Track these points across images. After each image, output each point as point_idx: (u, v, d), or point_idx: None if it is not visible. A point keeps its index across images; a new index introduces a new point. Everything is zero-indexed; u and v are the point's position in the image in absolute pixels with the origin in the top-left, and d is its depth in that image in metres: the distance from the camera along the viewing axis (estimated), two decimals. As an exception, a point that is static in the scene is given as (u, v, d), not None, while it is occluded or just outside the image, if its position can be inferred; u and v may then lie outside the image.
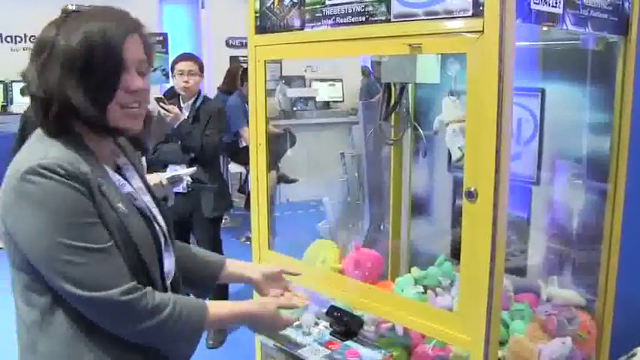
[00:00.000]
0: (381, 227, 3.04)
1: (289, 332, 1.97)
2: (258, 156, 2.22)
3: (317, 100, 8.13)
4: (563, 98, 2.23)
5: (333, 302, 2.07)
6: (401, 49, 1.67)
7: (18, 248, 1.30)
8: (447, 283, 2.30)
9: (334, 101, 8.26)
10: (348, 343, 1.88)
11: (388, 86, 2.36)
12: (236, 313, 1.54)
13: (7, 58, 6.96)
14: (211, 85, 7.26)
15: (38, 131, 1.36)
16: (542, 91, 2.23)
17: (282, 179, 7.12)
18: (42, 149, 1.30)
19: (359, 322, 1.94)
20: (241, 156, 5.90)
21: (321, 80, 8.28)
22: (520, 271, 2.35)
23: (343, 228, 3.19)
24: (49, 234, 1.24)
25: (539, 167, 2.31)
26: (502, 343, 1.99)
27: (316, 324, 2.00)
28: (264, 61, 2.13)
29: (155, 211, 1.49)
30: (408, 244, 2.70)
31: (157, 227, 1.45)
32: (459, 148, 1.76)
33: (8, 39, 7.34)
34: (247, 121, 2.93)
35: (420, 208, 2.67)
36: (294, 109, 7.80)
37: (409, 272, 2.34)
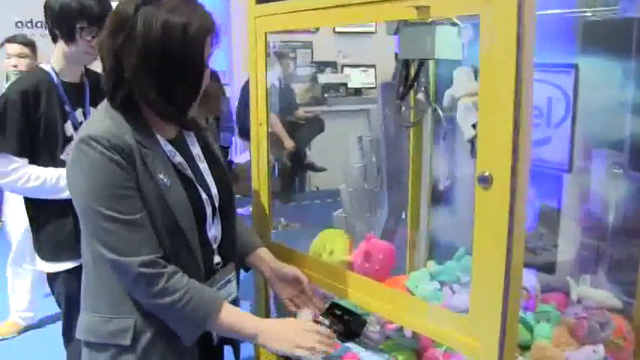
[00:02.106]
0: (402, 217, 2.83)
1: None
2: (260, 137, 2.03)
3: (349, 86, 7.91)
4: (601, 75, 1.99)
5: (337, 299, 1.88)
6: (408, 13, 1.46)
7: None
8: (466, 280, 2.08)
9: (366, 88, 8.03)
10: (349, 344, 1.68)
11: (406, 63, 2.14)
12: (249, 322, 1.54)
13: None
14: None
15: (104, 102, 1.50)
16: (576, 67, 1.98)
17: (311, 167, 6.96)
18: (99, 120, 1.46)
19: (361, 322, 1.74)
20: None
21: (353, 66, 8.04)
22: (548, 268, 2.13)
23: (360, 217, 2.99)
24: (86, 198, 1.42)
25: (572, 153, 2.07)
26: (524, 348, 1.77)
27: (316, 322, 1.80)
28: (265, 34, 1.94)
29: (209, 179, 1.60)
30: (428, 236, 2.48)
31: (205, 196, 1.55)
32: (472, 125, 1.54)
33: (19, 24, 7.15)
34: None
35: (440, 196, 2.45)
36: (325, 95, 7.60)
37: (424, 267, 2.13)
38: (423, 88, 2.22)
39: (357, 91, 7.95)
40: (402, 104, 2.27)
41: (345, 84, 7.87)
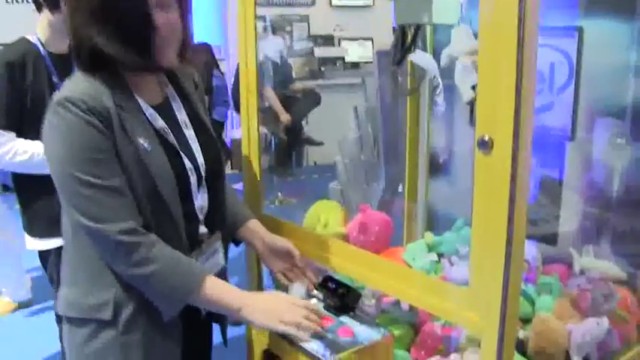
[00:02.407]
0: (399, 188, 2.75)
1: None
2: (249, 104, 1.94)
3: (346, 60, 7.79)
4: (606, 38, 1.89)
5: (331, 272, 1.80)
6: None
7: None
8: (465, 252, 2.01)
9: (364, 62, 7.90)
10: (344, 319, 1.60)
11: (402, 29, 2.04)
12: (233, 295, 1.46)
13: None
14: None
15: None
16: (580, 30, 1.89)
17: (308, 142, 6.88)
18: (75, 83, 1.39)
19: (356, 296, 1.66)
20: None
21: (351, 39, 7.91)
22: (550, 239, 2.05)
23: (356, 189, 2.91)
24: (62, 164, 1.35)
25: (574, 120, 1.98)
26: (526, 321, 1.70)
27: (310, 296, 1.73)
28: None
29: (195, 146, 1.51)
30: (425, 207, 2.41)
31: (189, 164, 1.47)
32: (471, 87, 1.45)
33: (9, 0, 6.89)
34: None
35: (439, 166, 2.37)
36: (322, 69, 7.48)
37: (422, 238, 2.05)
38: (420, 54, 2.12)
39: (355, 65, 7.82)
40: (398, 71, 2.18)
41: (343, 57, 7.74)
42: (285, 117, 6.08)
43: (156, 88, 1.52)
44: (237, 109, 6.01)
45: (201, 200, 1.53)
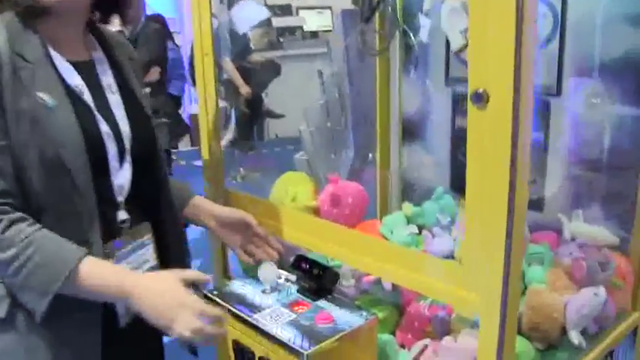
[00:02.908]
0: (369, 157, 2.57)
1: (244, 291, 1.52)
2: (205, 69, 1.72)
3: (304, 29, 7.54)
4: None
5: (303, 251, 1.61)
6: None
7: None
8: (447, 222, 1.84)
9: (323, 30, 7.66)
10: (321, 303, 1.42)
11: (370, -19, 1.85)
12: (112, 281, 1.17)
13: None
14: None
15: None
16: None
17: (269, 114, 6.66)
18: None
19: (333, 276, 1.48)
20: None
21: (309, 8, 7.65)
22: (536, 205, 1.89)
23: (323, 159, 2.72)
24: None
25: (560, 76, 1.82)
26: (516, 295, 1.54)
27: (284, 280, 1.54)
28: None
29: (119, 113, 1.29)
30: (400, 176, 2.23)
31: (107, 129, 1.25)
32: (460, 32, 1.26)
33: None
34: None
35: (412, 131, 2.18)
36: (280, 39, 7.22)
37: (401, 209, 1.87)
38: (390, 10, 1.93)
39: (314, 34, 7.58)
40: (366, 29, 1.98)
41: (301, 27, 7.49)
42: (244, 89, 5.83)
43: (79, 47, 1.32)
44: (195, 83, 5.77)
45: (122, 178, 1.28)
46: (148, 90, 3.44)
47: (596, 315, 1.52)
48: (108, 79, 1.33)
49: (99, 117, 1.24)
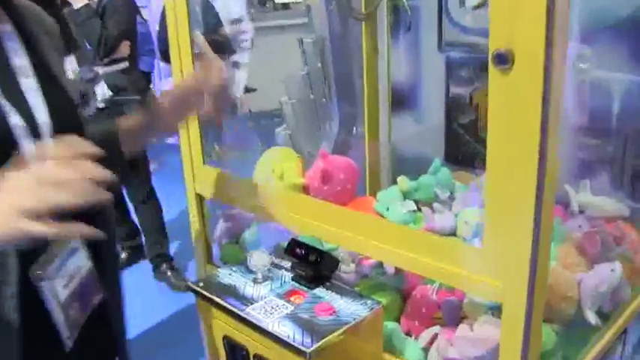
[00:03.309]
0: (354, 129, 2.41)
1: (233, 280, 1.36)
2: (180, 43, 1.55)
3: (275, 1, 7.30)
4: None
5: (294, 235, 1.46)
6: None
7: None
8: (446, 196, 1.71)
9: (294, 2, 7.42)
10: (319, 291, 1.28)
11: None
12: None
13: None
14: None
15: None
16: None
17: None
18: None
19: (332, 262, 1.33)
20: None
21: (279, -22, 7.40)
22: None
23: (307, 133, 2.56)
24: None
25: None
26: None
27: (275, 266, 1.38)
28: None
29: (36, 100, 1.04)
30: (390, 149, 2.08)
31: (19, 121, 0.99)
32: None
33: None
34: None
35: (402, 101, 2.03)
36: (251, 10, 6.96)
37: (395, 184, 1.73)
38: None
39: (285, 6, 7.34)
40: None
41: (271, -1, 7.24)
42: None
43: None
44: (165, 58, 5.52)
45: None
46: (124, 65, 3.23)
47: (611, 292, 1.40)
48: (20, 60, 1.08)
49: (7, 107, 1.00)
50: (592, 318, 1.35)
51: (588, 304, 1.37)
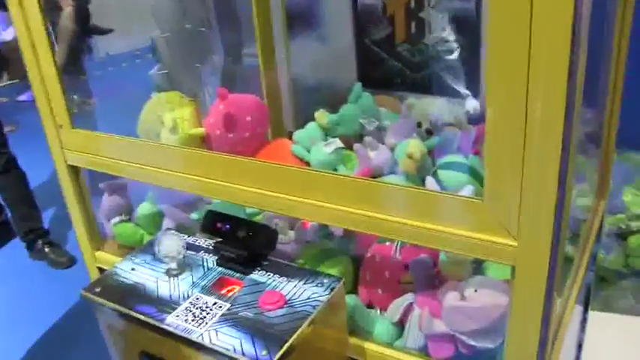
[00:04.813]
0: (241, 57, 2.04)
1: (139, 276, 1.00)
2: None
3: None
4: None
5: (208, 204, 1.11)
6: None
7: None
8: (373, 127, 1.41)
9: None
10: (256, 276, 0.95)
11: None
12: None
13: None
14: None
15: None
16: None
17: (95, 30, 5.72)
18: None
19: (270, 235, 1.00)
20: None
21: None
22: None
23: (187, 70, 2.14)
24: None
25: None
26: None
27: (191, 248, 1.03)
28: None
29: None
30: (290, 78, 1.73)
31: None
32: None
33: None
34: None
35: (300, 19, 1.68)
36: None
37: (309, 122, 1.40)
38: None
39: None
40: None
41: None
42: (67, 2, 4.86)
43: None
44: (2, 5, 4.73)
45: None
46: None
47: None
48: None
49: None
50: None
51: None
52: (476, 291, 0.88)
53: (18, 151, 2.96)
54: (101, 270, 1.29)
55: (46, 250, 2.84)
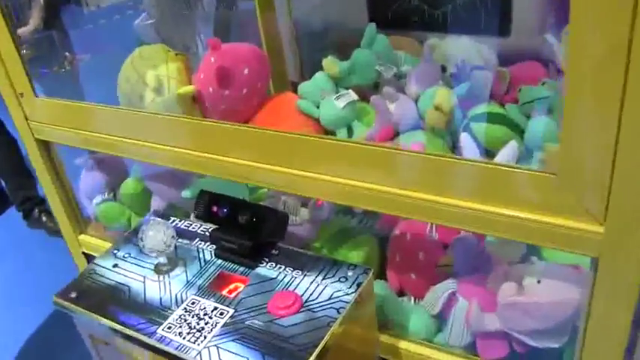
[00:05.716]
0: (234, 5, 1.82)
1: (122, 275, 0.82)
2: None
3: None
4: None
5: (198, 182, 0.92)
6: None
7: None
8: (391, 74, 1.20)
9: None
10: (264, 270, 0.78)
11: None
12: None
13: None
14: None
15: None
16: None
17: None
18: None
19: (280, 220, 0.81)
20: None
21: None
22: (500, 29, 1.30)
23: (175, 19, 1.92)
24: None
25: None
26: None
27: (183, 235, 0.86)
28: None
29: None
30: (292, 22, 1.52)
31: None
32: None
33: None
34: None
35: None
36: None
37: (320, 71, 1.20)
38: None
39: None
40: None
41: None
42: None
43: None
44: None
45: None
46: None
47: None
48: None
49: None
50: None
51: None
52: (539, 282, 0.70)
53: (5, 117, 2.77)
54: (87, 257, 1.12)
55: (44, 218, 2.69)
